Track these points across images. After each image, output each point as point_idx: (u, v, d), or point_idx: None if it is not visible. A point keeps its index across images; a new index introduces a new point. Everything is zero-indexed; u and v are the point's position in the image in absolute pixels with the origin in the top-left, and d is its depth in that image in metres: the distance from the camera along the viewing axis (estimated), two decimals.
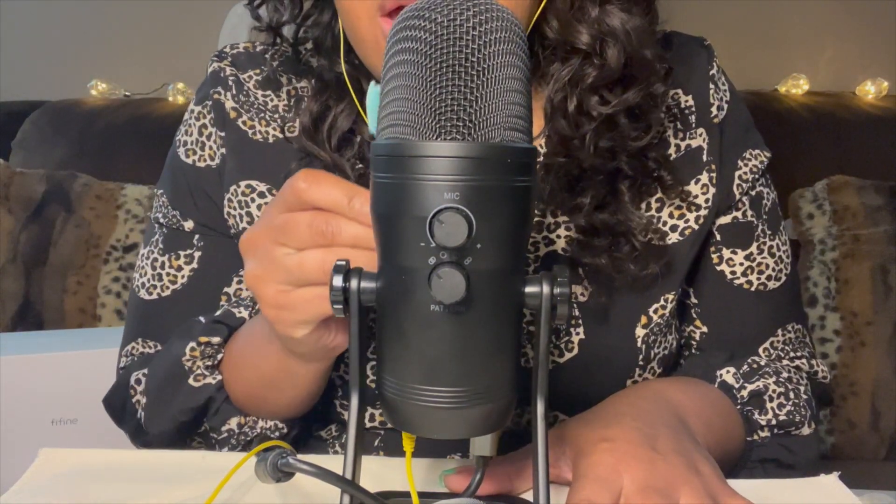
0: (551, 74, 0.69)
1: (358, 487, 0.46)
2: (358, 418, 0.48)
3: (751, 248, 0.78)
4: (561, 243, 0.72)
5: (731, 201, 0.77)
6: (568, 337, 0.72)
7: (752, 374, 0.75)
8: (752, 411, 0.73)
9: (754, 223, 0.78)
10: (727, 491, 0.55)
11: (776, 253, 0.79)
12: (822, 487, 0.62)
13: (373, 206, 0.44)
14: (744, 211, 0.78)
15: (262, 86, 0.77)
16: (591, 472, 0.54)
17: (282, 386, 0.66)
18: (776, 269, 0.79)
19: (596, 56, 0.67)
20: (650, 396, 0.66)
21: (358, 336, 0.47)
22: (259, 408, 0.69)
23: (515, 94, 0.42)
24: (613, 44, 0.67)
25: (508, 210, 0.42)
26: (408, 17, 0.42)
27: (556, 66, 0.69)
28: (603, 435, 0.58)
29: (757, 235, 0.78)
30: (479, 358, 0.43)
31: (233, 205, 0.75)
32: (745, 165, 0.78)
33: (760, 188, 0.79)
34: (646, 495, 0.52)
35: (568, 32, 0.67)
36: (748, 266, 0.78)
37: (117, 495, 0.57)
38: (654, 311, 0.74)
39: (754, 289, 0.78)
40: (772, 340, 0.80)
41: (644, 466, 0.54)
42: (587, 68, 0.67)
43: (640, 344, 0.73)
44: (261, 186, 0.75)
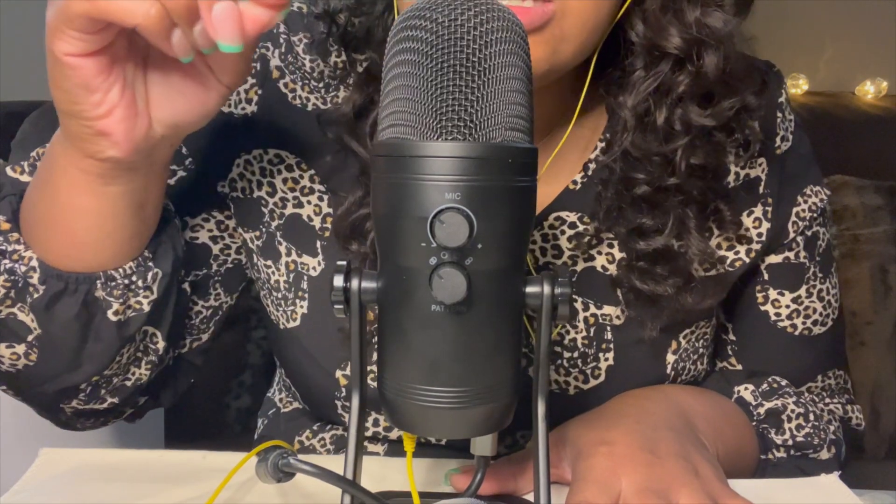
0: (632, 83, 0.63)
1: (359, 487, 0.46)
2: (359, 418, 0.48)
3: (800, 290, 0.74)
4: (602, 260, 0.68)
5: (784, 239, 0.73)
6: (596, 363, 0.69)
7: (772, 393, 0.72)
8: (769, 429, 0.71)
9: (806, 265, 0.74)
10: (727, 492, 0.55)
11: (825, 297, 0.76)
12: (822, 487, 0.62)
13: (374, 207, 0.44)
14: (797, 252, 0.74)
15: (309, 50, 0.69)
16: (589, 475, 0.54)
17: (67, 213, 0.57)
18: (824, 313, 0.75)
19: (690, 62, 0.61)
20: (658, 398, 0.65)
21: (358, 336, 0.47)
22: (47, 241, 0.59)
23: (516, 94, 0.42)
24: (713, 48, 0.61)
25: (509, 210, 0.42)
26: (409, 16, 0.42)
27: (640, 73, 0.63)
28: (602, 437, 0.57)
29: (807, 278, 0.74)
30: (480, 358, 0.43)
31: (251, 168, 0.69)
32: (804, 202, 0.73)
33: (817, 228, 0.75)
34: (643, 497, 0.52)
35: (658, 35, 0.61)
36: (794, 309, 0.74)
37: (117, 495, 0.57)
38: (685, 336, 0.71)
39: (798, 333, 0.75)
40: (810, 385, 0.77)
41: (642, 469, 0.54)
42: (679, 76, 0.62)
43: (670, 370, 0.70)
44: (290, 159, 0.69)
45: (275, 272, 0.71)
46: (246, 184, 0.70)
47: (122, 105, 0.51)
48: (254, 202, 0.70)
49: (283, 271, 0.71)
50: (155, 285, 0.62)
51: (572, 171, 0.69)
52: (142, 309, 0.61)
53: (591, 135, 0.70)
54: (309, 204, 0.70)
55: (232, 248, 0.72)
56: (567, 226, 0.68)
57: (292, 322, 0.71)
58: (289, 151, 0.69)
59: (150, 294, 0.61)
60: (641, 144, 0.64)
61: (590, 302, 0.69)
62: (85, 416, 0.68)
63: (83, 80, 0.49)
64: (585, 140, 0.70)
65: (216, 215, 0.71)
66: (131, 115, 0.51)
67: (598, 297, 0.69)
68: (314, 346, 0.70)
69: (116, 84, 0.50)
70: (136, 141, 0.52)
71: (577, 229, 0.68)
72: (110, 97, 0.50)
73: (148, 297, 0.61)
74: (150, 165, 0.56)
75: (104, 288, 0.59)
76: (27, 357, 0.60)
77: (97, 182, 0.55)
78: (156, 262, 0.62)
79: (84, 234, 0.57)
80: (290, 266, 0.70)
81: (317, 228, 0.70)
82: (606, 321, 0.69)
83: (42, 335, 0.59)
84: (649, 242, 0.65)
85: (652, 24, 0.61)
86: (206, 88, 0.53)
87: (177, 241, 0.64)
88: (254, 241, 0.71)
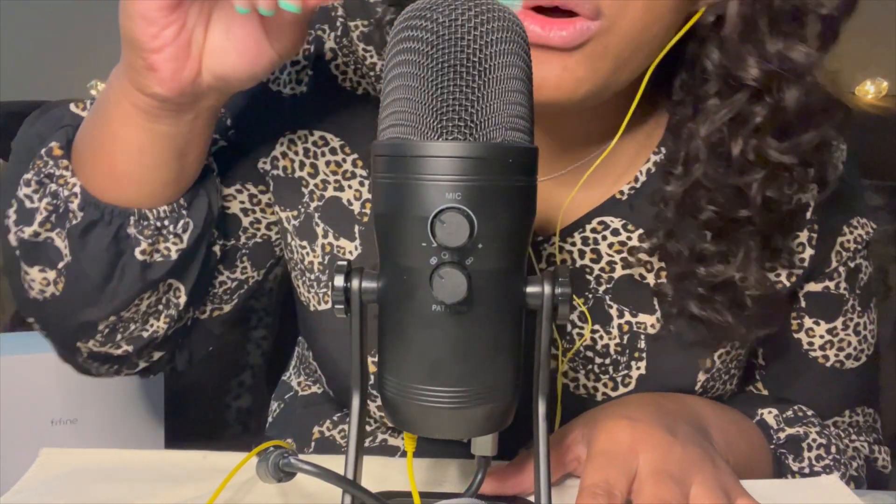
0: (706, 111, 0.61)
1: (359, 487, 0.46)
2: (359, 418, 0.48)
3: (836, 322, 0.73)
4: (640, 269, 0.67)
5: (826, 268, 0.71)
6: (627, 371, 0.68)
7: (796, 421, 0.71)
8: (787, 455, 0.70)
9: (846, 297, 0.73)
10: (740, 490, 0.55)
11: (861, 332, 0.74)
12: (823, 488, 0.62)
13: (374, 207, 0.44)
14: (838, 282, 0.72)
15: (365, 39, 0.69)
16: (608, 448, 0.54)
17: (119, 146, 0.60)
18: (858, 348, 0.74)
19: (769, 94, 0.59)
20: (674, 400, 0.65)
21: (359, 336, 0.47)
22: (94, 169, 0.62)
23: (517, 94, 0.42)
24: (794, 82, 0.59)
25: (510, 210, 0.42)
26: (409, 16, 0.42)
27: (714, 102, 0.61)
28: (624, 413, 0.57)
29: (845, 310, 0.73)
30: (481, 358, 0.43)
31: (295, 148, 0.70)
32: (850, 233, 0.72)
33: (860, 261, 0.74)
34: (658, 479, 0.52)
35: (735, 66, 0.59)
36: (828, 340, 0.73)
37: (118, 495, 0.57)
38: (720, 356, 0.69)
39: (830, 364, 0.73)
40: (836, 420, 0.76)
41: (661, 450, 0.54)
42: (756, 107, 0.60)
43: (699, 388, 0.69)
44: (334, 142, 0.69)
45: (309, 253, 0.71)
46: (288, 163, 0.70)
47: (176, 45, 0.53)
48: (294, 182, 0.70)
49: (318, 253, 0.71)
50: (185, 235, 0.63)
51: (620, 180, 0.69)
52: (169, 256, 0.63)
53: (643, 145, 0.69)
54: (350, 188, 0.70)
55: (262, 223, 0.72)
56: (610, 231, 0.68)
57: (324, 305, 0.71)
58: (334, 134, 0.70)
59: (180, 243, 0.63)
60: (715, 176, 0.62)
61: (625, 309, 0.68)
62: (100, 360, 0.69)
63: (145, 10, 0.52)
64: (637, 150, 0.69)
65: (250, 188, 0.71)
66: (182, 56, 0.54)
67: (634, 305, 0.68)
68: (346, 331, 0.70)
69: (175, 24, 0.53)
70: (182, 83, 0.55)
71: (620, 236, 0.68)
72: (166, 34, 0.52)
73: (177, 245, 0.63)
74: (195, 113, 0.58)
75: (136, 226, 0.61)
76: (55, 285, 0.63)
77: (144, 117, 0.57)
78: (190, 212, 0.64)
79: (125, 166, 0.60)
80: (325, 248, 0.70)
81: (356, 213, 0.70)
82: (641, 329, 0.68)
83: (72, 263, 0.62)
84: (711, 270, 0.64)
85: (729, 54, 0.59)
86: (259, 51, 0.55)
87: (213, 199, 0.66)
88: (290, 221, 0.71)
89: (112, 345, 0.67)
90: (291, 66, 0.70)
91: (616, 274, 0.68)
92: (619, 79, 0.59)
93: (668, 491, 0.52)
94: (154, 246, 0.62)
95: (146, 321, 0.67)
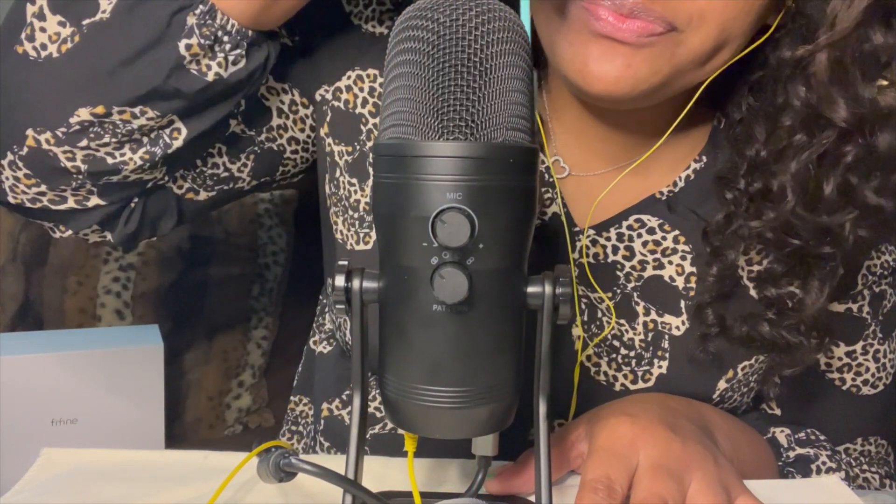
0: (793, 146, 0.60)
1: (360, 487, 0.46)
2: (359, 418, 0.48)
3: (856, 345, 0.72)
4: (671, 270, 0.68)
5: (852, 289, 0.71)
6: (649, 367, 0.68)
7: (808, 443, 0.71)
8: (794, 474, 0.69)
9: (868, 321, 0.72)
10: (741, 487, 0.55)
11: (881, 359, 0.73)
12: (824, 488, 0.62)
13: (375, 207, 0.44)
14: (861, 305, 0.72)
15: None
16: (609, 444, 0.54)
17: None
18: (876, 375, 0.73)
19: (860, 136, 0.59)
20: (681, 400, 0.65)
21: (359, 336, 0.47)
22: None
23: (518, 94, 0.42)
24: (886, 125, 0.58)
25: (511, 210, 0.42)
26: (411, 16, 0.42)
27: (801, 138, 0.60)
28: (625, 409, 0.58)
29: (866, 335, 0.73)
30: (482, 358, 0.43)
31: (361, 85, 0.69)
32: (877, 258, 0.71)
33: (885, 287, 0.73)
34: (656, 474, 0.52)
35: (824, 105, 0.58)
36: (846, 363, 0.73)
37: (118, 495, 0.57)
38: (742, 368, 0.69)
39: (846, 388, 0.73)
40: (847, 447, 0.75)
41: (660, 445, 0.54)
42: (845, 147, 0.59)
43: (717, 396, 0.69)
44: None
45: (357, 191, 0.71)
46: (351, 97, 0.70)
47: None
48: (354, 118, 0.70)
49: (366, 192, 0.70)
50: (232, 67, 0.58)
51: (661, 181, 0.69)
52: (205, 75, 0.57)
53: (687, 151, 0.70)
54: None
55: (287, 131, 0.71)
56: (646, 230, 0.68)
57: (363, 245, 0.71)
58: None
59: (222, 69, 0.57)
60: (804, 214, 0.61)
61: (651, 308, 0.68)
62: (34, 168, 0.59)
63: None
64: (683, 155, 0.69)
65: (296, 94, 0.70)
66: None
67: (661, 305, 0.68)
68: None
69: None
70: None
71: (655, 236, 0.68)
72: None
73: (218, 70, 0.57)
74: None
75: (201, 17, 0.55)
76: (61, 44, 0.56)
77: None
78: (248, 51, 0.58)
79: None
80: None
81: None
82: (665, 329, 0.68)
83: (105, 23, 0.55)
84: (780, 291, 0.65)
85: (818, 92, 0.58)
86: None
87: (269, 61, 0.61)
88: (343, 156, 0.71)
89: (68, 149, 0.58)
90: (378, 5, 0.70)
91: (647, 273, 0.68)
92: (676, 86, 0.60)
93: (665, 486, 0.52)
94: (199, 52, 0.56)
95: (122, 145, 0.59)
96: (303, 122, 0.71)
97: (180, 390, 1.26)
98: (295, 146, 0.72)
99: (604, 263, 0.68)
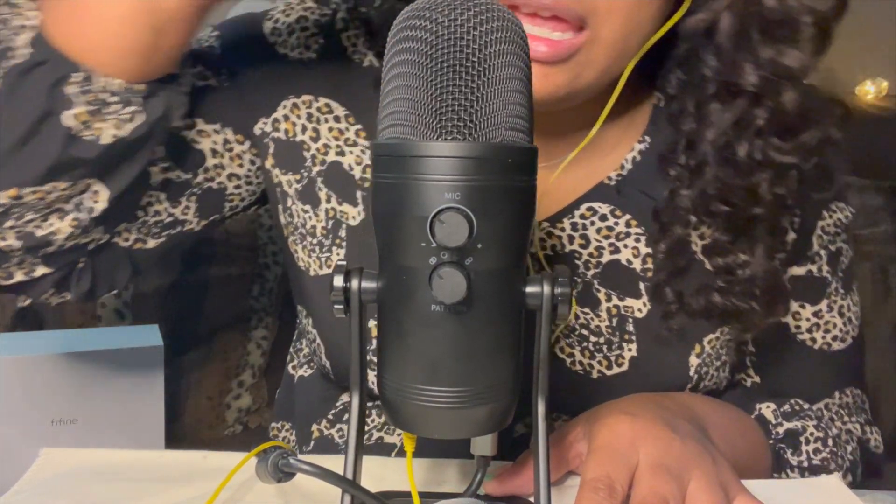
0: (709, 116, 0.64)
1: (359, 487, 0.46)
2: (359, 418, 0.48)
3: (821, 304, 0.75)
4: (627, 254, 0.69)
5: (808, 251, 0.73)
6: (619, 351, 0.69)
7: (793, 415, 0.72)
8: (785, 449, 0.71)
9: (828, 279, 0.75)
10: (739, 487, 0.55)
11: (846, 314, 0.76)
12: (823, 487, 0.62)
13: (373, 207, 0.44)
14: (820, 265, 0.74)
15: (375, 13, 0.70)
16: (609, 443, 0.54)
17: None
18: (843, 330, 0.76)
19: (768, 98, 0.62)
20: (674, 399, 0.66)
21: (358, 336, 0.47)
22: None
23: (516, 93, 0.42)
24: (790, 86, 0.61)
25: (509, 210, 0.42)
26: (408, 16, 0.42)
27: (716, 106, 0.64)
28: (624, 409, 0.58)
29: (829, 293, 0.75)
30: (480, 358, 0.43)
31: (298, 112, 0.70)
32: (829, 217, 0.74)
33: (841, 244, 0.75)
34: (656, 473, 0.52)
35: (732, 73, 0.62)
36: (815, 323, 0.75)
37: (118, 495, 0.57)
38: (709, 341, 0.71)
39: (818, 347, 0.75)
40: (827, 402, 0.77)
41: (660, 444, 0.54)
42: (756, 110, 0.63)
43: (693, 373, 0.70)
44: (339, 110, 0.70)
45: (312, 217, 0.71)
46: (290, 126, 0.71)
47: None
48: (296, 145, 0.71)
49: (321, 217, 0.71)
50: (128, 125, 0.56)
51: (609, 167, 0.71)
52: (98, 139, 0.56)
53: (626, 132, 0.71)
54: (351, 153, 0.70)
55: (225, 170, 0.70)
56: (598, 217, 0.69)
57: (326, 269, 0.72)
58: (340, 103, 0.71)
59: (118, 130, 0.56)
60: (725, 178, 0.64)
61: (612, 293, 0.69)
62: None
63: None
64: (619, 137, 0.71)
65: (228, 133, 0.70)
66: None
67: (621, 289, 0.70)
68: None
69: None
70: None
71: (608, 222, 0.69)
72: None
73: (114, 132, 0.56)
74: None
75: (80, 85, 0.54)
76: None
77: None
78: (145, 103, 0.57)
79: (96, 8, 0.54)
80: (329, 213, 0.71)
81: (356, 178, 0.70)
82: (628, 313, 0.69)
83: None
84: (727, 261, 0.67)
85: (726, 61, 0.62)
86: None
87: (173, 111, 0.60)
88: (292, 185, 0.72)
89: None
90: (301, 31, 0.71)
91: (604, 259, 0.69)
92: (602, 82, 0.62)
93: (664, 485, 0.52)
94: (89, 118, 0.55)
95: (46, 217, 0.58)
96: (240, 157, 0.71)
97: (180, 390, 1.26)
98: (237, 181, 0.72)
99: (561, 254, 0.69)
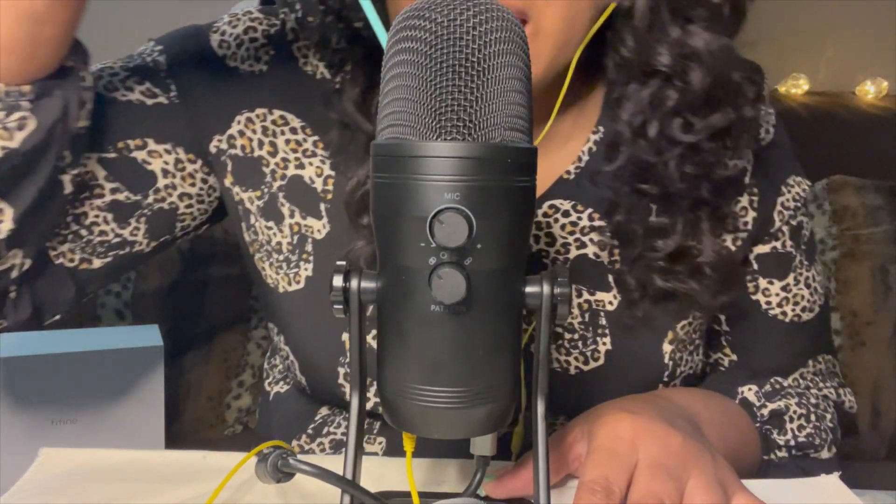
0: (628, 96, 0.66)
1: (358, 487, 0.46)
2: (358, 418, 0.48)
3: (787, 279, 0.76)
4: (594, 248, 0.70)
5: (770, 228, 0.75)
6: (594, 346, 0.70)
7: (775, 394, 0.74)
8: (771, 430, 0.72)
9: (793, 254, 0.76)
10: (738, 485, 0.55)
11: (812, 284, 0.78)
12: (822, 487, 0.62)
13: (373, 207, 0.44)
14: (783, 241, 0.76)
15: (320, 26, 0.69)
16: (608, 443, 0.54)
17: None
18: (811, 300, 0.78)
19: (677, 78, 0.64)
20: (666, 397, 0.66)
21: (358, 336, 0.47)
22: None
23: (515, 94, 0.42)
24: (697, 66, 0.63)
25: (509, 210, 0.42)
26: (408, 16, 0.42)
27: (634, 87, 0.65)
28: (624, 407, 0.58)
29: (794, 266, 0.76)
30: (480, 358, 0.43)
31: (253, 127, 0.69)
32: (787, 192, 0.76)
33: (801, 217, 0.77)
34: (653, 473, 0.52)
35: (646, 53, 0.64)
36: (784, 297, 0.76)
37: (117, 495, 0.57)
38: (682, 327, 0.72)
39: (788, 320, 0.77)
40: (802, 371, 0.78)
41: (660, 443, 0.54)
42: (668, 91, 0.64)
43: (668, 360, 0.71)
44: (295, 122, 0.70)
45: (276, 234, 0.71)
46: (246, 142, 0.70)
47: None
48: (254, 161, 0.70)
49: (286, 233, 0.70)
50: (19, 133, 0.53)
51: (566, 162, 0.71)
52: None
53: (578, 124, 0.72)
54: (311, 165, 0.70)
55: (177, 190, 0.69)
56: (561, 214, 0.70)
57: (295, 285, 0.71)
58: (294, 114, 0.70)
59: (7, 140, 0.52)
60: (639, 156, 0.66)
61: (582, 289, 0.70)
62: None
63: None
64: (571, 129, 0.71)
65: (180, 153, 0.69)
66: None
67: (591, 284, 0.70)
68: (320, 309, 0.70)
69: None
70: None
71: (571, 217, 0.70)
72: None
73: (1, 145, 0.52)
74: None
75: None
76: None
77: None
78: (33, 108, 0.53)
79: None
80: (293, 228, 0.70)
81: (318, 191, 0.70)
82: (600, 307, 0.70)
83: None
84: (667, 242, 0.67)
85: (640, 42, 0.64)
86: None
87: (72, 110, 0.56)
88: (254, 202, 0.71)
89: None
90: (250, 43, 0.70)
91: (571, 255, 0.70)
92: (549, 75, 0.62)
93: (662, 486, 0.52)
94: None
95: None
96: (192, 177, 0.70)
97: (180, 390, 1.26)
98: (188, 201, 0.71)
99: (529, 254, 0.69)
